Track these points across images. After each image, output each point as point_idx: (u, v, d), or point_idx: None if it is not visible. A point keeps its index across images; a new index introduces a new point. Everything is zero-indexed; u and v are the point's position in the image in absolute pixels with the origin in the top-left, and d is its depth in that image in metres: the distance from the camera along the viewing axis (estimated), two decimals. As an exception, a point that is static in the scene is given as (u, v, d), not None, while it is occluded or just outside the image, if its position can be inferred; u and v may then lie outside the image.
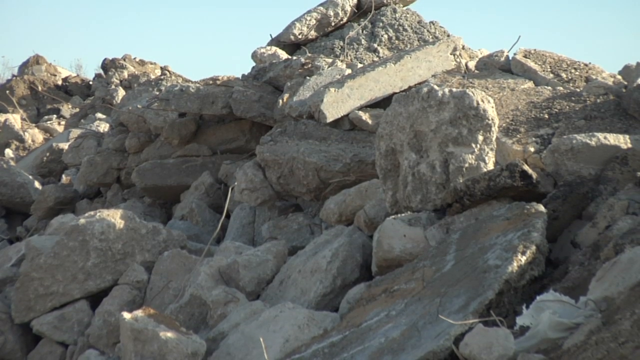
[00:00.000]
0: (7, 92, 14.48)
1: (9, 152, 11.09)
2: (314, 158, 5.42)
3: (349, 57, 7.24)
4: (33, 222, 7.80)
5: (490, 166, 4.12)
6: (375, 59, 7.19)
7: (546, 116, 4.97)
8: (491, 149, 4.17)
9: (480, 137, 4.14)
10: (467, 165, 4.11)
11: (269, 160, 5.69)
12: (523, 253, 3.15)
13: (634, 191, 3.71)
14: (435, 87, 4.31)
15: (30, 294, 4.72)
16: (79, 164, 8.70)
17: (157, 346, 3.41)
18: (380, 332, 3.12)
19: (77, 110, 13.53)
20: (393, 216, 4.14)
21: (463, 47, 6.50)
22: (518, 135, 4.74)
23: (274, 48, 7.61)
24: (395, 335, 3.02)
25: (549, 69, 6.07)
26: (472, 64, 6.35)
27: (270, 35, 8.00)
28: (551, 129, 4.77)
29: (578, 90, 5.39)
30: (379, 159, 4.49)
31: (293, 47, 7.81)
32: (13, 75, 16.12)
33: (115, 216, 4.92)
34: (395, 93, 5.20)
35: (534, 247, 3.19)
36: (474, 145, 4.14)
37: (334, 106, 5.58)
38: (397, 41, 7.50)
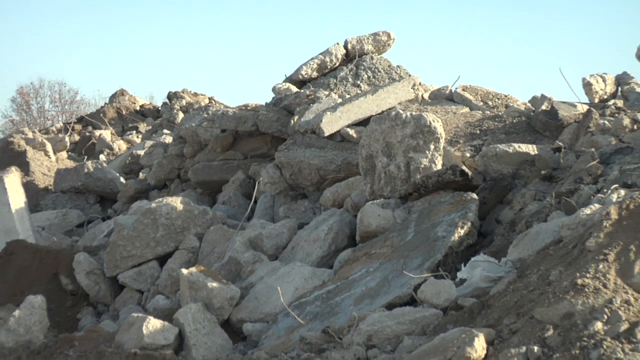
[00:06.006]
0: (101, 115, 14.42)
1: (102, 157, 11.07)
2: (315, 161, 5.40)
3: (340, 90, 7.21)
4: (119, 206, 7.78)
5: (439, 167, 4.11)
6: (359, 91, 7.16)
7: (478, 132, 4.95)
8: (440, 155, 4.16)
9: (432, 147, 4.13)
10: (422, 166, 4.11)
11: (284, 163, 5.67)
12: (462, 227, 3.15)
13: (539, 184, 3.71)
14: (400, 111, 4.29)
15: (117, 256, 4.72)
16: (151, 165, 8.66)
17: (205, 292, 3.41)
18: (362, 283, 3.11)
19: (150, 127, 13.47)
20: (371, 202, 4.13)
21: (420, 83, 6.45)
22: (458, 145, 4.73)
23: (287, 84, 7.58)
24: (372, 285, 3.01)
25: (480, 99, 6.05)
26: (426, 95, 6.32)
27: (285, 75, 7.95)
28: (481, 141, 4.76)
29: (500, 114, 5.38)
30: (361, 161, 4.48)
31: (301, 83, 7.76)
32: (105, 103, 16.05)
33: (176, 202, 4.91)
34: (373, 115, 5.18)
35: (469, 223, 3.19)
36: (427, 152, 4.13)
37: (330, 124, 5.57)
38: (374, 79, 7.46)
